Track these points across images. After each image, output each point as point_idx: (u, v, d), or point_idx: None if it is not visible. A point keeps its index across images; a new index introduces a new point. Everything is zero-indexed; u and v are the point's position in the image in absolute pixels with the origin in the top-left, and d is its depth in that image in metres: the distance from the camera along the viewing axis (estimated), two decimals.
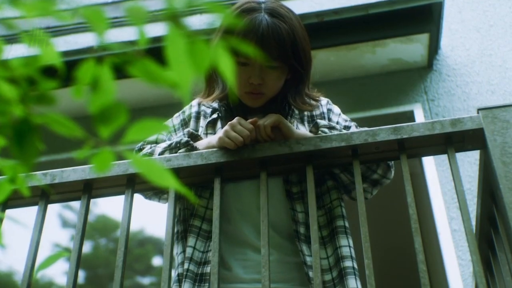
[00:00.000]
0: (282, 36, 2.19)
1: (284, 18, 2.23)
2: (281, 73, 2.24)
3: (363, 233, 1.79)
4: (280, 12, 2.24)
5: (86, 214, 1.94)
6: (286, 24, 2.22)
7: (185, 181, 2.00)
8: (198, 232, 2.16)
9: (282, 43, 2.19)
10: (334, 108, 2.44)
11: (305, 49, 2.25)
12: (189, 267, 2.10)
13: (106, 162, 0.91)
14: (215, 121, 2.30)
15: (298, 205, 2.17)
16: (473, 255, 1.74)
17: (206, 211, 2.17)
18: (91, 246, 7.33)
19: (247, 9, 2.25)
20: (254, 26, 2.18)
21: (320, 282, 1.75)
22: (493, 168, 1.89)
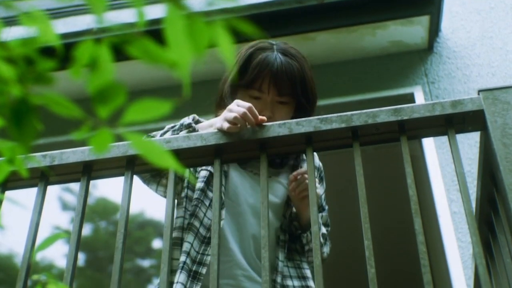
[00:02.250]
0: (294, 73, 2.35)
1: (296, 58, 2.40)
2: (290, 109, 2.39)
3: (363, 214, 1.79)
4: (291, 52, 2.41)
5: (86, 196, 1.94)
6: (297, 63, 2.39)
7: (185, 163, 2.00)
8: (196, 233, 2.25)
9: (294, 80, 2.35)
10: (324, 181, 2.57)
11: (312, 87, 2.40)
12: (186, 260, 2.19)
13: (104, 143, 0.91)
14: None
15: (281, 253, 2.30)
16: (473, 237, 1.74)
17: (204, 218, 2.26)
18: (91, 229, 7.33)
19: (261, 48, 2.41)
20: (269, 62, 2.35)
21: (319, 263, 1.76)
22: (494, 149, 1.89)
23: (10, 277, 6.15)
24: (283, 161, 2.46)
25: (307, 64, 2.44)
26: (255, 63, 2.36)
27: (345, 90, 4.25)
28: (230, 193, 2.33)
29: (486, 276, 1.68)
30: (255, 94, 2.35)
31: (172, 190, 1.92)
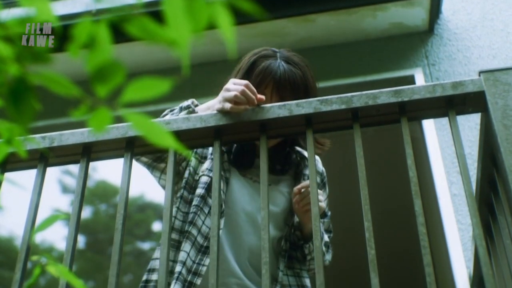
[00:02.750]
0: (296, 81, 2.35)
1: (298, 66, 2.40)
2: None
3: (363, 195, 1.79)
4: (294, 60, 2.41)
5: (85, 178, 1.94)
6: (300, 71, 2.38)
7: (185, 144, 1.99)
8: (193, 241, 2.25)
9: (296, 88, 2.34)
10: (327, 187, 2.58)
11: (315, 94, 2.37)
12: (182, 270, 2.19)
13: (103, 122, 0.90)
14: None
15: (281, 262, 2.31)
16: (473, 218, 1.74)
17: (203, 226, 2.26)
18: (91, 212, 7.34)
19: (264, 55, 2.41)
20: (272, 70, 2.35)
21: (320, 244, 1.75)
22: (494, 131, 1.88)
23: (10, 259, 6.17)
24: (284, 168, 2.45)
25: (310, 72, 2.43)
26: (258, 70, 2.36)
27: (345, 72, 4.24)
28: (228, 201, 2.32)
29: (486, 258, 1.68)
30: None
31: (172, 171, 1.91)
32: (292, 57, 2.41)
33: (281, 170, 2.44)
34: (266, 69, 2.36)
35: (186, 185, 2.35)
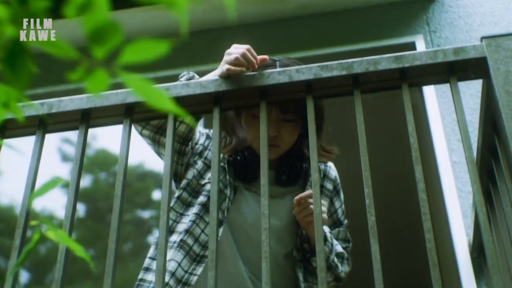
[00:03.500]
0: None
1: None
2: (295, 126, 2.30)
3: (363, 162, 1.78)
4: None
5: (84, 144, 1.93)
6: None
7: (184, 110, 1.97)
8: (187, 251, 2.20)
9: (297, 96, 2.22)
10: (341, 194, 2.47)
11: (317, 102, 2.22)
12: (169, 281, 2.14)
13: (101, 84, 0.89)
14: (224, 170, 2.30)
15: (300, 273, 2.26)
16: (474, 184, 1.73)
17: (201, 234, 2.22)
18: (91, 180, 7.34)
19: (265, 66, 2.25)
20: None
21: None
22: (496, 97, 1.87)
23: (10, 227, 6.18)
24: (290, 177, 2.34)
25: None
26: None
27: (346, 39, 4.20)
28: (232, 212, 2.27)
29: (487, 224, 1.68)
30: (258, 113, 2.15)
31: (171, 140, 1.90)
32: (292, 64, 2.26)
33: (288, 181, 2.34)
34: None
35: (188, 187, 2.30)
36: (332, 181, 2.43)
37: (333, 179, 2.44)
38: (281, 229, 2.29)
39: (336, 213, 2.43)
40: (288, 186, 2.35)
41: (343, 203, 2.47)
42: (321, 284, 1.60)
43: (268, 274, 1.64)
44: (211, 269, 1.63)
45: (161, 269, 1.62)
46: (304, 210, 2.16)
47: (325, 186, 2.41)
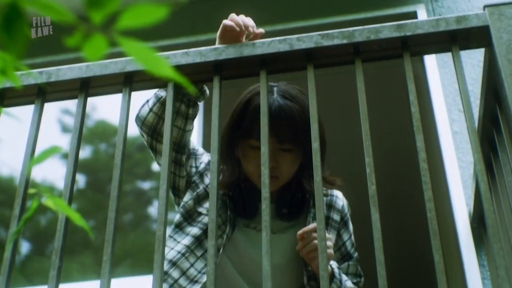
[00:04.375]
0: (294, 117, 2.14)
1: (297, 100, 2.18)
2: (295, 156, 2.19)
3: (364, 131, 1.77)
4: (292, 94, 2.19)
5: (83, 113, 1.91)
6: (298, 105, 2.16)
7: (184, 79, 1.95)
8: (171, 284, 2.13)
9: (294, 125, 2.14)
10: (350, 225, 2.34)
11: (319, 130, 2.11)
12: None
13: (99, 50, 0.87)
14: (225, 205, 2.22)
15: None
16: (475, 154, 1.72)
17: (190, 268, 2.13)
18: (91, 151, 7.34)
19: (259, 92, 2.12)
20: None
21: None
22: (498, 66, 1.85)
23: (11, 198, 6.18)
24: (291, 211, 2.23)
25: None
26: (251, 109, 2.16)
27: (347, 8, 4.16)
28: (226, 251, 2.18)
29: (488, 193, 1.67)
30: (255, 144, 2.12)
31: (171, 107, 1.89)
32: (290, 90, 2.19)
33: (289, 214, 2.22)
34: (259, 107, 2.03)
35: (183, 209, 2.23)
36: (339, 211, 2.31)
37: (340, 209, 2.31)
38: (284, 266, 2.18)
39: (344, 246, 2.29)
40: (289, 220, 2.23)
41: (352, 235, 2.34)
42: None
43: None
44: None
45: (161, 239, 1.62)
46: (308, 246, 2.04)
47: (332, 218, 2.28)
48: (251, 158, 2.17)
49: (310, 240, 2.04)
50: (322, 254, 1.56)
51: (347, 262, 2.28)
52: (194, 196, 2.24)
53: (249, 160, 2.19)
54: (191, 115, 2.20)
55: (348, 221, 2.33)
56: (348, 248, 2.30)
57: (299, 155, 2.20)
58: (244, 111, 2.20)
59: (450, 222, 3.28)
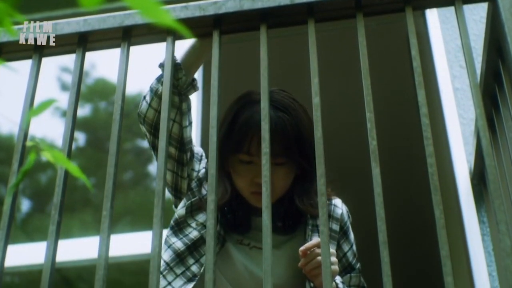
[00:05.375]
0: (286, 130, 2.03)
1: (289, 110, 2.07)
2: (289, 170, 2.09)
3: (365, 86, 1.75)
4: (284, 104, 2.08)
5: (82, 68, 1.89)
6: (290, 116, 2.06)
7: (183, 33, 1.93)
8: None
9: (287, 137, 2.04)
10: (350, 234, 2.23)
11: (311, 141, 1.98)
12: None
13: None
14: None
15: None
16: (477, 109, 1.70)
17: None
18: (91, 109, 7.33)
19: (249, 102, 2.10)
20: (255, 120, 2.00)
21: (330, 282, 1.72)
22: (502, 21, 1.82)
23: (11, 156, 6.19)
24: (286, 224, 2.13)
25: (305, 115, 2.09)
26: (240, 122, 2.06)
27: None
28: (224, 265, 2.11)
29: (489, 149, 1.65)
30: (245, 159, 2.07)
31: (170, 61, 1.87)
32: (282, 100, 2.09)
33: (284, 228, 2.13)
34: (248, 121, 2.04)
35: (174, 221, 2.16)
36: (337, 220, 2.20)
37: (338, 218, 2.21)
38: (281, 284, 2.07)
39: (345, 258, 2.20)
40: (285, 234, 2.14)
41: (354, 244, 2.23)
42: None
43: None
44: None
45: (160, 194, 1.61)
46: (311, 263, 1.95)
47: (331, 228, 2.18)
48: (242, 173, 2.09)
49: (313, 256, 1.94)
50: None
51: (349, 274, 2.20)
52: (187, 205, 2.16)
53: (240, 175, 2.11)
54: (185, 109, 2.12)
55: (348, 230, 2.23)
56: (349, 259, 2.21)
57: (293, 168, 2.11)
58: (233, 123, 2.09)
59: (450, 179, 3.27)
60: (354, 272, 2.21)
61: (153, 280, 1.43)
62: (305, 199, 2.13)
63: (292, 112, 2.08)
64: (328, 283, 1.44)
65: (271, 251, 1.52)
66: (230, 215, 2.15)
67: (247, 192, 2.11)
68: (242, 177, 2.10)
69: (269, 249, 1.52)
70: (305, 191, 2.14)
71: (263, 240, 1.54)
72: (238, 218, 2.14)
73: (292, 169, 2.11)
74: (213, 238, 1.49)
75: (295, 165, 2.10)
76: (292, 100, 2.13)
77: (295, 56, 3.64)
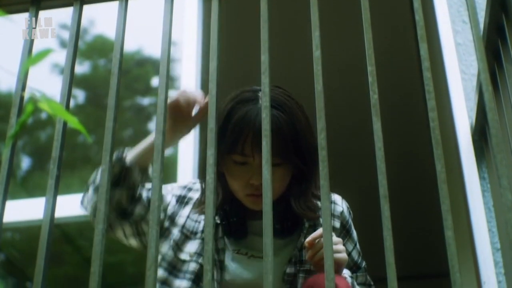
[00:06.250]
0: (281, 129, 1.93)
1: (284, 108, 1.97)
2: (285, 171, 2.01)
3: (367, 39, 1.72)
4: (279, 101, 1.97)
5: (79, 21, 1.87)
6: (286, 114, 1.97)
7: None
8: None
9: (283, 137, 1.94)
10: (353, 232, 2.16)
11: (309, 141, 1.99)
12: None
13: None
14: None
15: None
16: (480, 63, 1.68)
17: None
18: (90, 66, 7.30)
19: (242, 100, 2.02)
20: (250, 120, 1.94)
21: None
22: None
23: (10, 113, 6.17)
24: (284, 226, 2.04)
25: (301, 112, 2.00)
26: (233, 122, 1.97)
27: None
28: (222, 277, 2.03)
29: (492, 103, 1.63)
30: (239, 159, 1.98)
31: (169, 16, 1.84)
32: (277, 97, 1.98)
33: (282, 230, 2.05)
34: (242, 120, 1.96)
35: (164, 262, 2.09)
36: (338, 218, 2.14)
37: (339, 216, 2.14)
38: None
39: (350, 257, 2.13)
40: (283, 237, 2.06)
41: (357, 243, 2.18)
42: None
43: None
44: None
45: (159, 148, 1.60)
46: (319, 253, 1.86)
47: (333, 226, 2.10)
48: (235, 175, 2.02)
49: (320, 246, 1.85)
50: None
51: (355, 273, 2.13)
52: (172, 245, 2.10)
53: (234, 177, 2.03)
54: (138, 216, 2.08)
55: (350, 228, 2.17)
56: (355, 258, 2.16)
57: (289, 170, 2.03)
58: (225, 124, 1.99)
59: (451, 135, 3.26)
60: (360, 272, 2.16)
61: (152, 234, 1.42)
62: (301, 201, 2.06)
63: (287, 110, 1.99)
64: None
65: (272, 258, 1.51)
66: (225, 221, 2.08)
67: (242, 194, 2.04)
68: (236, 179, 2.02)
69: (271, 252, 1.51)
70: (302, 192, 2.07)
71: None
72: (234, 223, 2.07)
73: (288, 170, 2.03)
74: (213, 192, 1.48)
75: (290, 167, 2.03)
76: (287, 97, 2.04)
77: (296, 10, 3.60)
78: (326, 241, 1.38)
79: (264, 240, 1.44)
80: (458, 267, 1.32)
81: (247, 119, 1.96)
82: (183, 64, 3.95)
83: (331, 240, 1.36)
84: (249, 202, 2.04)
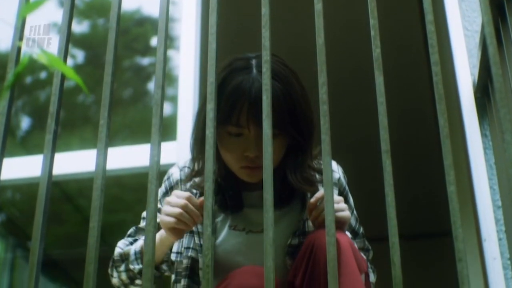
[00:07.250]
0: (278, 99, 1.86)
1: (279, 77, 1.90)
2: (281, 142, 1.95)
3: (370, 6, 1.69)
4: (275, 70, 1.87)
5: None
6: (282, 84, 1.90)
7: None
8: None
9: (279, 107, 1.86)
10: (350, 199, 2.12)
11: (305, 111, 1.94)
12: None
13: None
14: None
15: None
16: (484, 16, 1.65)
17: None
18: (89, 26, 7.24)
19: (236, 68, 1.94)
20: (244, 89, 1.88)
21: None
22: None
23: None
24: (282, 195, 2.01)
25: (296, 82, 1.95)
26: (227, 92, 1.90)
27: None
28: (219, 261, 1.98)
29: (496, 57, 1.61)
30: (234, 131, 1.92)
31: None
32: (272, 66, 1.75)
33: (281, 200, 2.01)
34: (236, 90, 1.89)
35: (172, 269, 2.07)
36: (336, 185, 2.10)
37: (336, 182, 2.11)
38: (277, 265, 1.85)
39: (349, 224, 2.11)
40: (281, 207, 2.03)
41: (355, 209, 2.16)
42: None
43: None
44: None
45: (159, 102, 1.58)
46: (323, 214, 1.82)
47: None
48: (230, 147, 1.96)
49: (323, 207, 1.77)
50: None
51: (354, 240, 2.11)
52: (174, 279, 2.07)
53: (228, 149, 1.97)
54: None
55: (348, 194, 2.15)
56: (352, 225, 2.16)
57: (285, 142, 1.98)
58: (219, 95, 1.84)
59: (453, 92, 3.24)
60: (358, 237, 2.16)
61: (152, 189, 1.41)
62: (298, 174, 2.01)
63: (283, 80, 1.93)
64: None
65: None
66: (220, 195, 2.03)
67: (237, 166, 1.99)
68: (231, 151, 1.97)
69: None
70: (298, 165, 2.03)
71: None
72: (229, 197, 2.04)
73: (284, 142, 1.98)
74: (212, 146, 1.46)
75: (287, 138, 1.98)
76: (283, 65, 1.98)
77: None
78: (327, 197, 1.37)
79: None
80: (460, 223, 1.31)
81: (242, 89, 1.90)
82: (182, 23, 3.91)
83: (332, 196, 1.34)
84: (244, 175, 2.00)
